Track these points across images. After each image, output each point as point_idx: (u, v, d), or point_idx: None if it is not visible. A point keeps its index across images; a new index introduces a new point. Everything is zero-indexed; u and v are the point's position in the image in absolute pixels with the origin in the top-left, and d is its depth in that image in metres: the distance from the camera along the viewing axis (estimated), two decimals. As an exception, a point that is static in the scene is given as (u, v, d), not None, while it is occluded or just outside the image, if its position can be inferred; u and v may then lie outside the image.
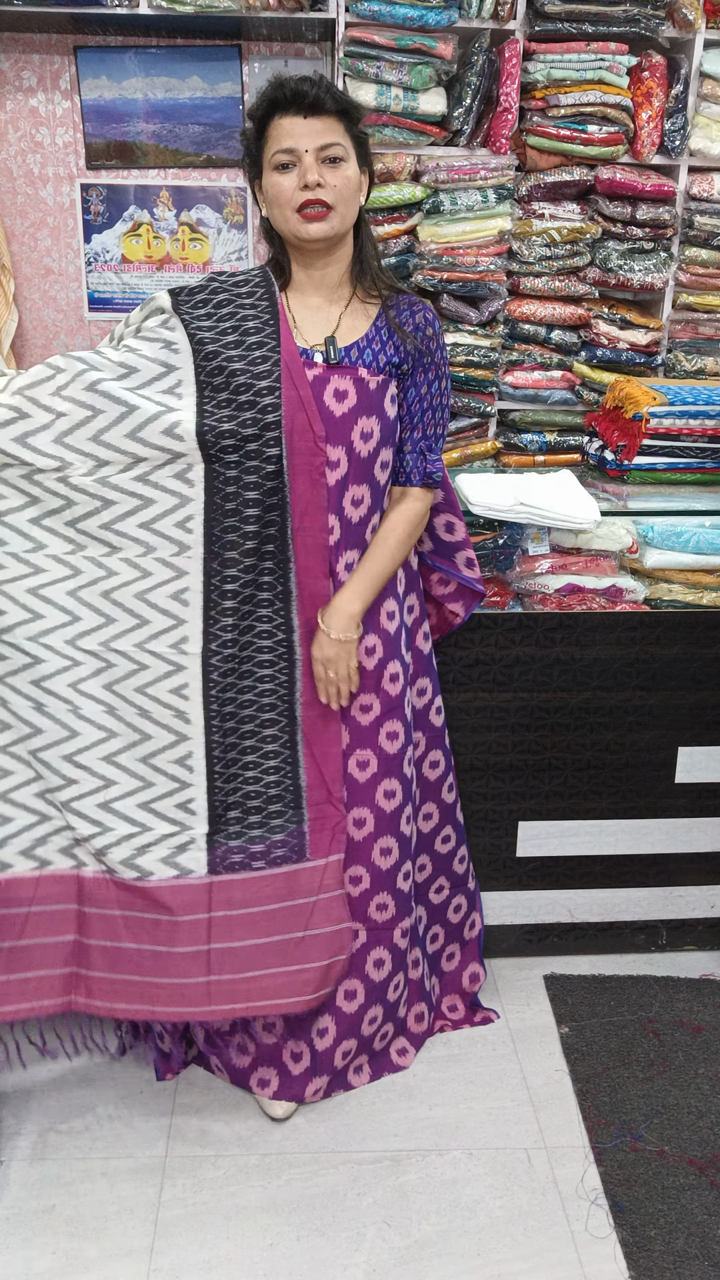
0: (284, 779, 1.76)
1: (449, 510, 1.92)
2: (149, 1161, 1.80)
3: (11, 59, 3.09)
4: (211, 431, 1.62)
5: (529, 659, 2.07)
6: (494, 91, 2.88)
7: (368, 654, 1.80)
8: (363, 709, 1.82)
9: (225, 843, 1.74)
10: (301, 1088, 1.88)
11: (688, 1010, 2.15)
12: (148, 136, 3.18)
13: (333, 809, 1.80)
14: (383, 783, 1.85)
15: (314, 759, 1.78)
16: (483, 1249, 1.65)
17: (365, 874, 1.86)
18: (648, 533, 2.13)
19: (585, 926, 2.28)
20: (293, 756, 1.77)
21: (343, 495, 1.72)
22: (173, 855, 1.71)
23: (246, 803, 1.75)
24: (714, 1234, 1.67)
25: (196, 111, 3.17)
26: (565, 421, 3.20)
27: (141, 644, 1.68)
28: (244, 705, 1.73)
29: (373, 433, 1.70)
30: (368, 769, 1.84)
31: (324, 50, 3.12)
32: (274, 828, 1.76)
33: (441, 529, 1.93)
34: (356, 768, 1.83)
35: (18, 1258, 1.63)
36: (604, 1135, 1.85)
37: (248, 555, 1.69)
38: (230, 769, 1.74)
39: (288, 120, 1.59)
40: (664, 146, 2.97)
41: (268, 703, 1.75)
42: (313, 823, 1.78)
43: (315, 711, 1.77)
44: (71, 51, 3.09)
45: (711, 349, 3.19)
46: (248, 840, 1.75)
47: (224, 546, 1.68)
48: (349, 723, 1.82)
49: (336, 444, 1.69)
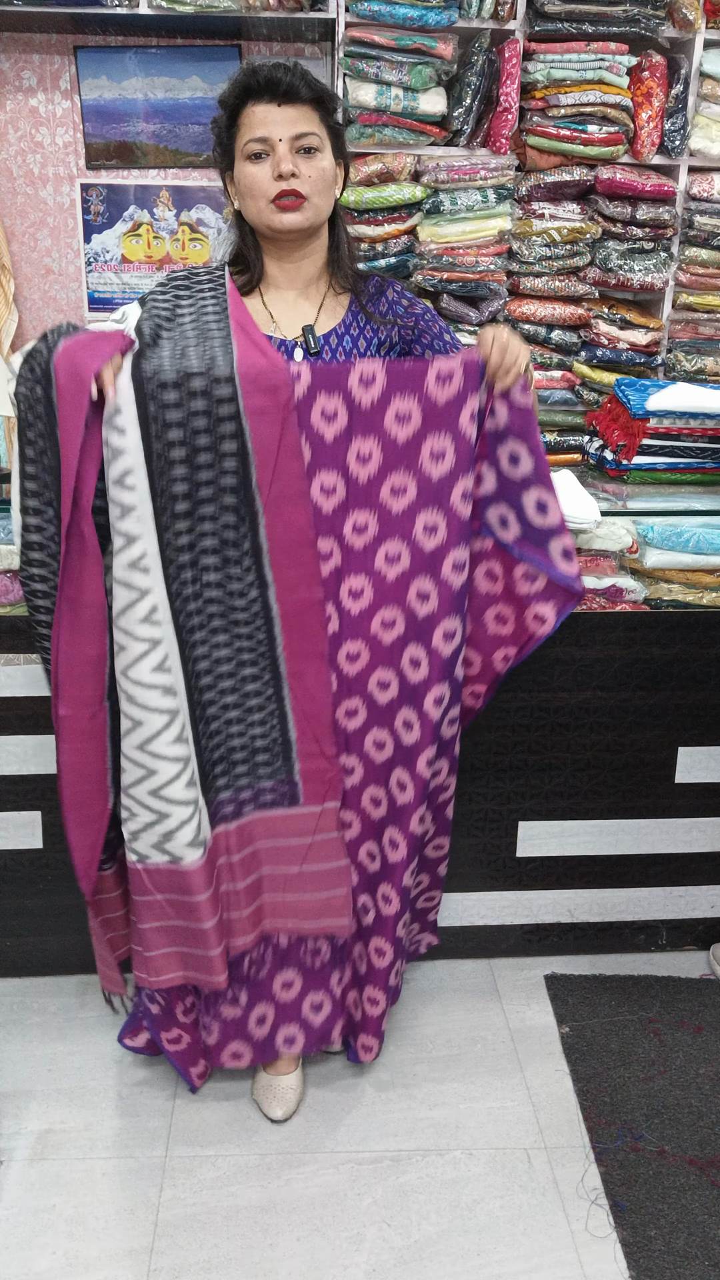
0: (271, 732, 1.71)
1: (539, 484, 1.63)
2: (149, 1161, 1.80)
3: (11, 59, 3.09)
4: (148, 374, 1.49)
5: (529, 659, 2.07)
6: (494, 91, 2.88)
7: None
8: (349, 658, 1.73)
9: (215, 798, 1.71)
10: (327, 1031, 1.90)
11: (688, 1010, 2.15)
12: (148, 136, 3.18)
13: (326, 763, 1.73)
14: (371, 732, 1.77)
15: (302, 715, 1.70)
16: (483, 1249, 1.65)
17: (355, 820, 1.82)
18: (648, 533, 2.12)
19: (585, 926, 2.28)
20: (279, 710, 1.70)
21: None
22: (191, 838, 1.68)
23: (232, 756, 1.71)
24: (714, 1234, 1.66)
25: (196, 111, 3.17)
26: (565, 421, 3.20)
27: (116, 623, 1.58)
28: (220, 661, 1.65)
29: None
30: (356, 718, 1.76)
31: (324, 50, 3.12)
32: (262, 775, 1.73)
33: (532, 509, 1.64)
34: (345, 716, 1.76)
35: (18, 1258, 1.63)
36: (604, 1135, 1.85)
37: (203, 505, 1.57)
38: (212, 725, 1.68)
39: (261, 108, 1.54)
40: (664, 146, 2.97)
41: (248, 658, 1.66)
42: (305, 773, 1.73)
43: (299, 664, 1.67)
44: (71, 51, 3.09)
45: (711, 349, 3.19)
46: (236, 790, 1.72)
47: (172, 500, 1.55)
48: (337, 673, 1.73)
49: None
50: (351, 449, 1.60)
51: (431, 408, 1.58)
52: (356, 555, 1.66)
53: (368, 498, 1.63)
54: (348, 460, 1.61)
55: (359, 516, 1.64)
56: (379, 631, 1.70)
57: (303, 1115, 1.90)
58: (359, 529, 1.65)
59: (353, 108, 2.83)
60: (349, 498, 1.63)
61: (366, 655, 1.72)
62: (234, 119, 1.59)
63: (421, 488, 1.62)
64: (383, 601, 1.69)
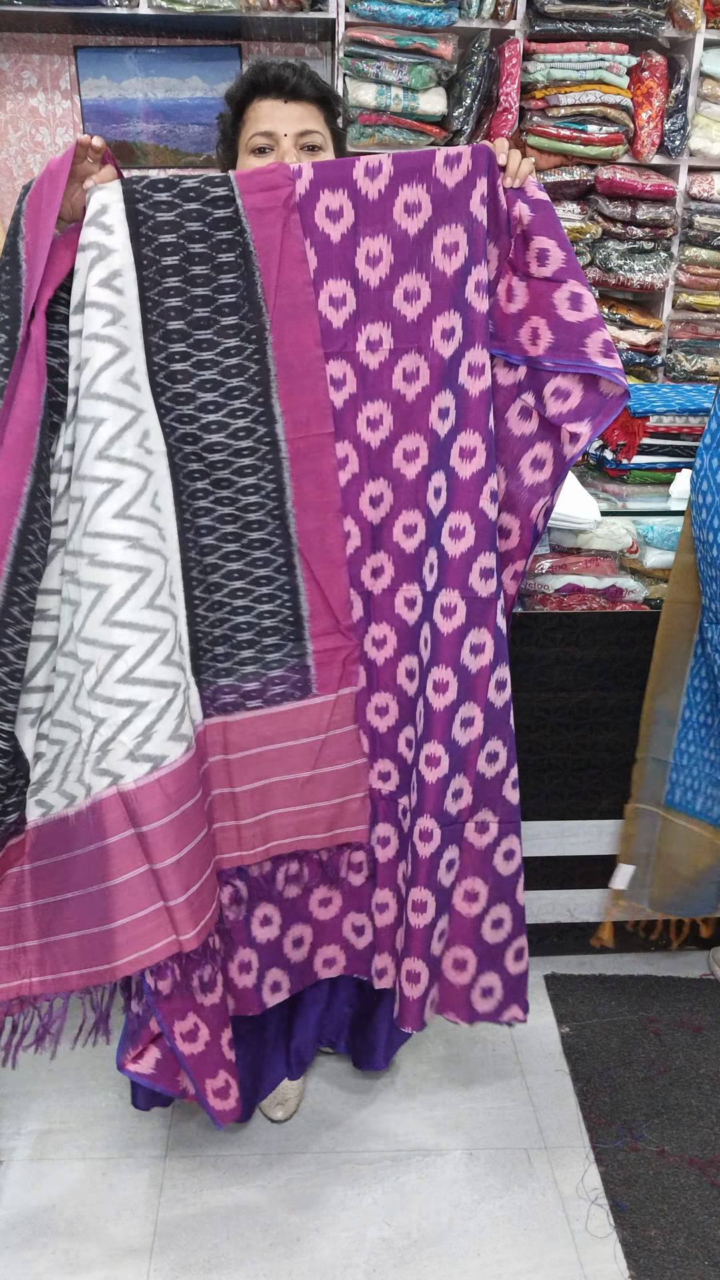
0: (281, 608, 1.52)
1: (572, 277, 1.46)
2: (149, 1161, 1.80)
3: (11, 59, 3.09)
4: (135, 177, 1.38)
5: (529, 659, 2.07)
6: (494, 91, 2.88)
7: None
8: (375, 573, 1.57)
9: (214, 680, 1.52)
10: (365, 963, 1.73)
11: (688, 1010, 2.15)
12: (148, 136, 3.18)
13: (342, 638, 1.56)
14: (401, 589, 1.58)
15: (314, 580, 1.53)
16: (483, 1249, 1.65)
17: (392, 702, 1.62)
18: (648, 533, 2.12)
19: (585, 926, 2.28)
20: (290, 582, 1.52)
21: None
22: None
23: (236, 635, 1.52)
24: (714, 1234, 1.66)
25: (196, 111, 3.17)
26: (565, 421, 3.20)
27: (103, 452, 1.37)
28: (224, 520, 1.48)
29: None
30: (382, 576, 1.59)
31: (324, 50, 3.12)
32: (270, 663, 1.54)
33: (565, 306, 1.46)
34: (370, 576, 1.58)
35: (18, 1258, 1.63)
36: (604, 1135, 1.85)
37: (200, 327, 1.43)
38: (213, 595, 1.51)
39: (267, 104, 1.56)
40: (664, 146, 2.97)
41: (254, 518, 1.48)
42: (318, 655, 1.55)
43: (311, 521, 1.51)
44: (71, 51, 3.09)
45: (711, 349, 3.19)
46: (240, 678, 1.53)
47: (164, 315, 1.40)
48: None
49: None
50: (360, 250, 1.47)
51: (442, 193, 1.44)
52: (372, 375, 1.51)
53: (380, 306, 1.49)
54: (356, 263, 1.47)
55: (372, 330, 1.49)
56: (401, 465, 1.54)
57: (303, 1115, 1.90)
58: (373, 344, 1.50)
59: (353, 108, 2.83)
60: (360, 308, 1.49)
61: (390, 496, 1.55)
62: (240, 114, 1.60)
63: (435, 286, 1.48)
64: (404, 429, 1.53)
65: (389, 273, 1.48)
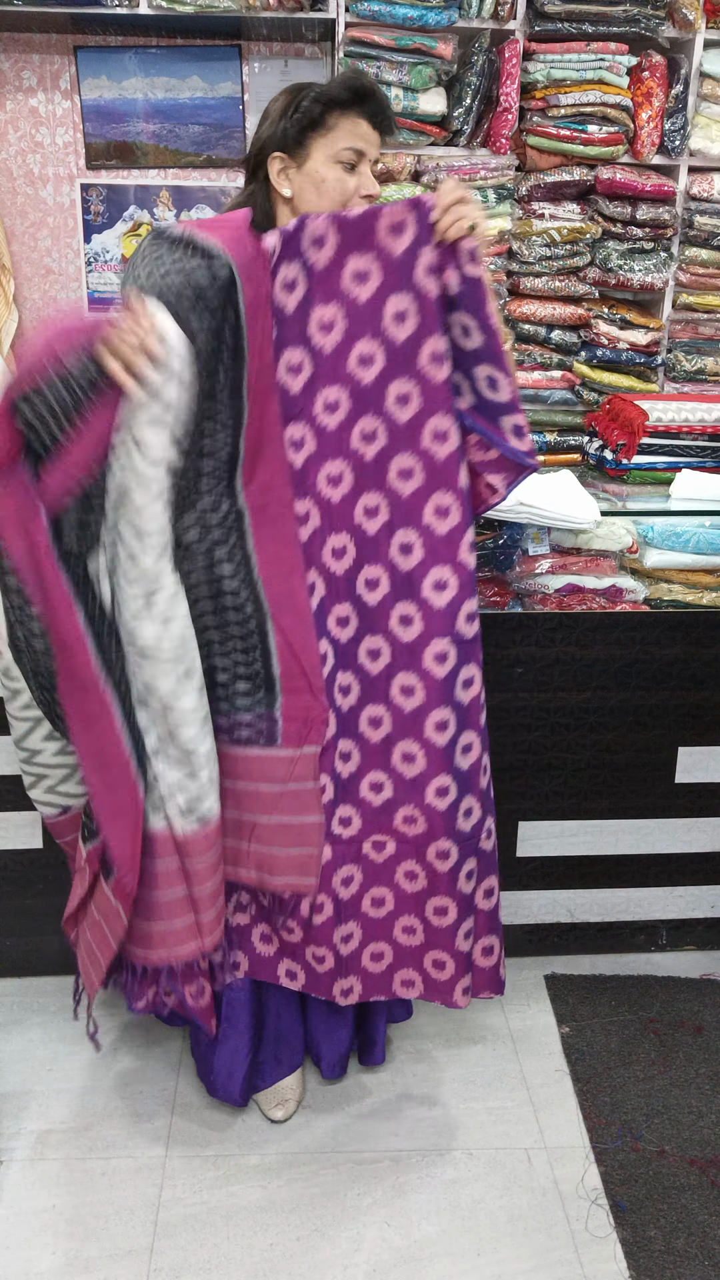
0: (253, 660, 1.60)
1: (490, 361, 1.54)
2: (149, 1161, 1.80)
3: (11, 59, 3.09)
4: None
5: (529, 659, 2.07)
6: (494, 91, 2.87)
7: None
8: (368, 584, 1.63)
9: None
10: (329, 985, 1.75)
11: (688, 1010, 2.15)
12: (148, 136, 3.18)
13: (312, 699, 1.61)
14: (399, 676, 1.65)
15: (284, 636, 1.59)
16: (483, 1249, 1.65)
17: (387, 781, 1.68)
18: (648, 533, 2.13)
19: (585, 926, 2.28)
20: (261, 641, 1.60)
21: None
22: None
23: (212, 676, 1.60)
24: (714, 1234, 1.66)
25: (196, 111, 3.17)
26: (565, 421, 3.20)
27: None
28: (199, 584, 1.56)
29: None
30: (348, 626, 1.64)
31: (324, 50, 3.12)
32: (240, 706, 1.62)
33: (483, 384, 1.56)
34: (336, 625, 1.64)
35: (18, 1258, 1.63)
36: (604, 1135, 1.85)
37: (206, 419, 1.50)
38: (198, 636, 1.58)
39: (365, 124, 1.56)
40: (664, 146, 2.97)
41: (229, 588, 1.57)
42: (286, 709, 1.61)
43: (279, 585, 1.58)
44: (71, 51, 3.09)
45: (711, 349, 3.18)
46: (214, 714, 1.62)
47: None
48: (357, 604, 1.62)
49: None
50: (313, 317, 1.53)
51: (388, 261, 1.50)
52: (330, 436, 1.57)
53: (335, 370, 1.54)
54: (309, 330, 1.53)
55: (329, 393, 1.55)
56: (362, 521, 1.60)
57: (302, 1115, 1.90)
58: (330, 406, 1.56)
59: (353, 108, 2.82)
60: (316, 372, 1.54)
61: (353, 549, 1.62)
62: (325, 115, 1.55)
63: (389, 353, 1.53)
64: (364, 487, 1.59)
65: (343, 339, 1.54)
